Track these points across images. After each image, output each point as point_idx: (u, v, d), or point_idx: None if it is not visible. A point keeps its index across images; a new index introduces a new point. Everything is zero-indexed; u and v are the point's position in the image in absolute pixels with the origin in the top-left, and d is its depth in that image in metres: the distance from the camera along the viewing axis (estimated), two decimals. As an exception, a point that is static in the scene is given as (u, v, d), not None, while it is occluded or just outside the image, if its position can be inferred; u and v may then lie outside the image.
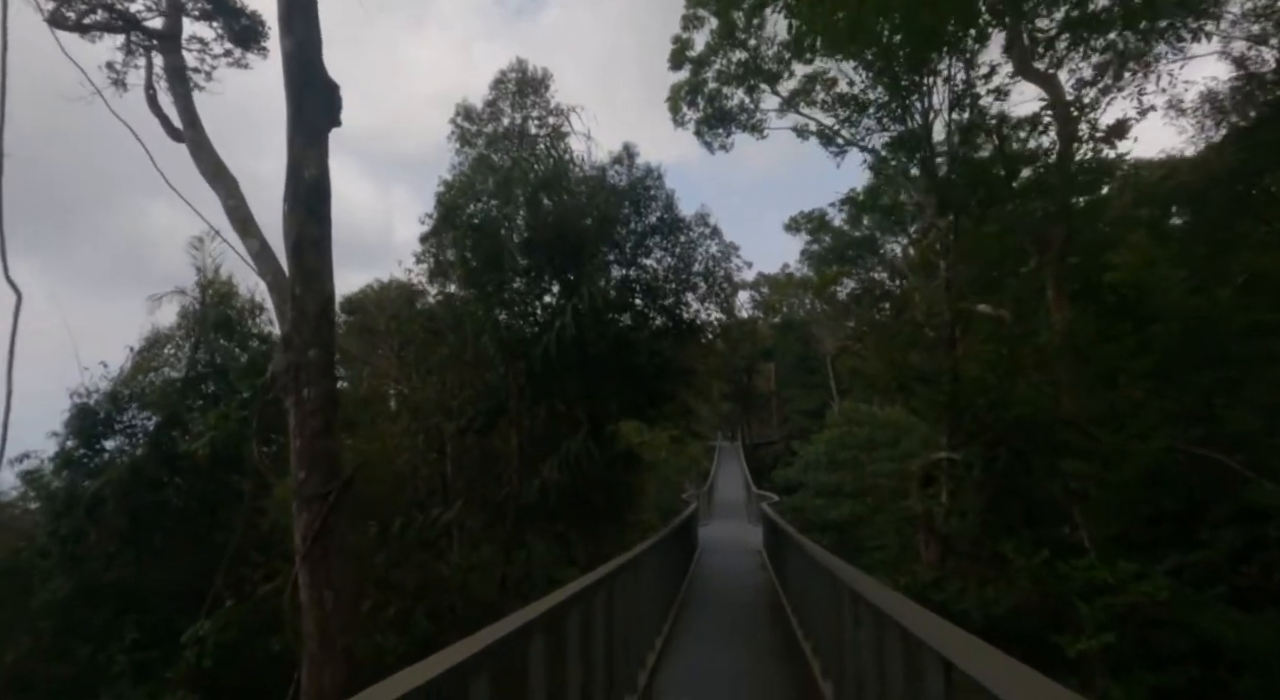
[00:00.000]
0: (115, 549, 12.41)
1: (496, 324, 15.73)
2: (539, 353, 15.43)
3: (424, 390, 16.62)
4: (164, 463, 13.02)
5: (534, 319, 17.45)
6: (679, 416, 22.26)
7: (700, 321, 21.33)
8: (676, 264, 20.83)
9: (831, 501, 34.44)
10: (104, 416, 13.75)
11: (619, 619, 6.42)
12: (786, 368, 57.75)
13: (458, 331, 16.61)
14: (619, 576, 6.67)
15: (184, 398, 13.71)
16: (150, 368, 15.14)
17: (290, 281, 10.70)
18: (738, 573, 18.51)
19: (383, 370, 18.16)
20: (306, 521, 10.11)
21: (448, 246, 16.97)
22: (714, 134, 23.81)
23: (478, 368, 16.37)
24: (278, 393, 11.26)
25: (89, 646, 11.62)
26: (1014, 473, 10.49)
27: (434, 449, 16.60)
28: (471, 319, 16.38)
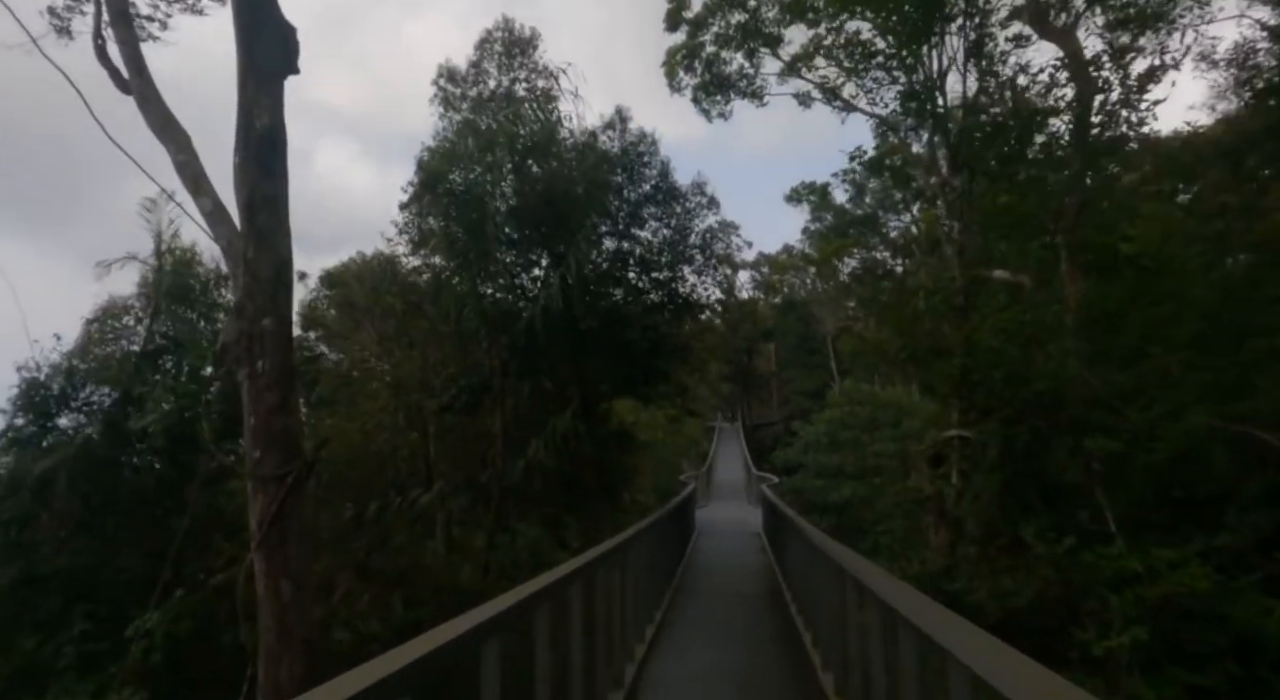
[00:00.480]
0: (66, 534, 11.49)
1: (479, 296, 14.68)
2: (523, 326, 14.40)
3: (405, 366, 15.60)
4: (118, 442, 12.05)
5: (520, 291, 16.42)
6: (675, 395, 21.25)
7: (697, 296, 20.28)
8: (672, 236, 19.75)
9: (832, 483, 33.51)
10: (58, 391, 12.77)
11: (603, 610, 5.99)
12: (787, 348, 56.64)
13: (439, 304, 15.57)
14: (601, 565, 6.09)
15: (139, 372, 12.73)
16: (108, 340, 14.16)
17: (242, 243, 9.64)
18: (736, 557, 17.60)
19: (363, 346, 17.14)
20: (262, 505, 9.10)
21: (429, 215, 15.90)
22: (712, 101, 22.54)
23: (460, 343, 15.34)
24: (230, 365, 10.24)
25: (35, 638, 10.72)
26: (1033, 452, 9.48)
27: (415, 428, 15.61)
28: (453, 291, 15.34)
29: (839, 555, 5.60)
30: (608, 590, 6.26)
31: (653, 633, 8.67)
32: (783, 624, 9.41)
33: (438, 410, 15.32)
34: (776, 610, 10.30)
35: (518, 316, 14.87)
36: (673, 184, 18.91)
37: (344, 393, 16.63)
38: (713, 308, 20.65)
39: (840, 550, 5.82)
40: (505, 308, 15.18)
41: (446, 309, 15.50)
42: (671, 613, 10.11)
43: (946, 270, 12.96)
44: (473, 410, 15.50)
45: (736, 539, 21.50)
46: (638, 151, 18.33)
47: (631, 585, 7.63)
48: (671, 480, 34.07)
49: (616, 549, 7.01)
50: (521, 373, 15.44)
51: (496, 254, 15.14)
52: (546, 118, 16.64)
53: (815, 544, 7.16)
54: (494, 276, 14.88)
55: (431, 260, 16.42)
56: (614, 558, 6.74)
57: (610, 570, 6.48)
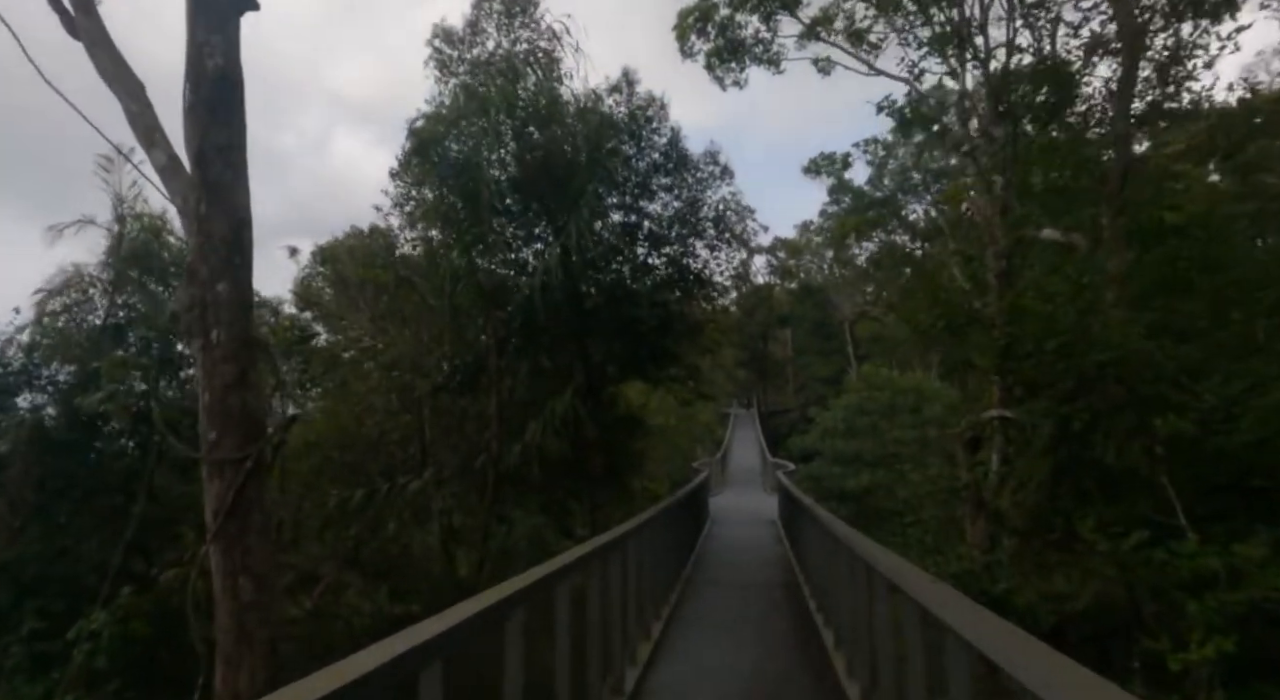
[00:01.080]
0: (20, 522, 10.42)
1: (474, 269, 13.40)
2: (520, 301, 13.13)
3: (398, 345, 14.39)
4: (76, 424, 10.95)
5: (520, 266, 15.15)
6: (686, 378, 19.91)
7: (709, 272, 18.90)
8: (682, 208, 18.37)
9: (850, 470, 32.16)
10: (18, 368, 11.67)
11: (599, 609, 5.50)
12: (803, 334, 55.02)
13: (432, 279, 14.33)
14: (596, 560, 5.56)
15: (99, 347, 11.61)
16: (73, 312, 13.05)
17: (193, 199, 8.39)
18: (751, 547, 16.40)
19: (357, 324, 15.97)
20: (218, 493, 7.90)
21: (423, 185, 14.64)
22: (726, 68, 21.06)
23: (455, 319, 14.10)
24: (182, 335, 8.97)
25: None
26: (1090, 433, 8.13)
27: (409, 410, 14.41)
28: (448, 264, 14.09)
29: (867, 551, 4.99)
30: (605, 587, 5.74)
31: (660, 630, 8.00)
32: (801, 620, 8.68)
33: (431, 391, 14.10)
34: (793, 604, 9.53)
35: (516, 291, 13.60)
36: (683, 151, 17.52)
37: (335, 373, 15.49)
38: (725, 286, 19.26)
39: (868, 545, 5.18)
40: (502, 282, 13.90)
41: (440, 283, 14.26)
42: (681, 608, 9.32)
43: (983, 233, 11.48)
44: (468, 391, 14.27)
45: (751, 528, 20.40)
46: (646, 116, 16.94)
47: (635, 579, 6.98)
48: (686, 467, 32.92)
49: (615, 542, 6.35)
50: (520, 351, 14.18)
51: (494, 224, 13.86)
52: (547, 77, 15.29)
53: (839, 538, 6.41)
54: (491, 249, 13.60)
55: (428, 233, 15.17)
56: (612, 551, 6.13)
57: (609, 564, 5.93)
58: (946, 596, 3.17)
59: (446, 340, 14.23)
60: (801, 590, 10.24)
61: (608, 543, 5.97)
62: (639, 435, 21.51)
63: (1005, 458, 9.89)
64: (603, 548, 5.85)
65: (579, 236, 13.30)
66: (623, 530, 6.91)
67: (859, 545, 5.38)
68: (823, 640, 7.55)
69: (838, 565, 6.62)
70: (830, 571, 7.35)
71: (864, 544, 5.31)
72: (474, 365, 14.15)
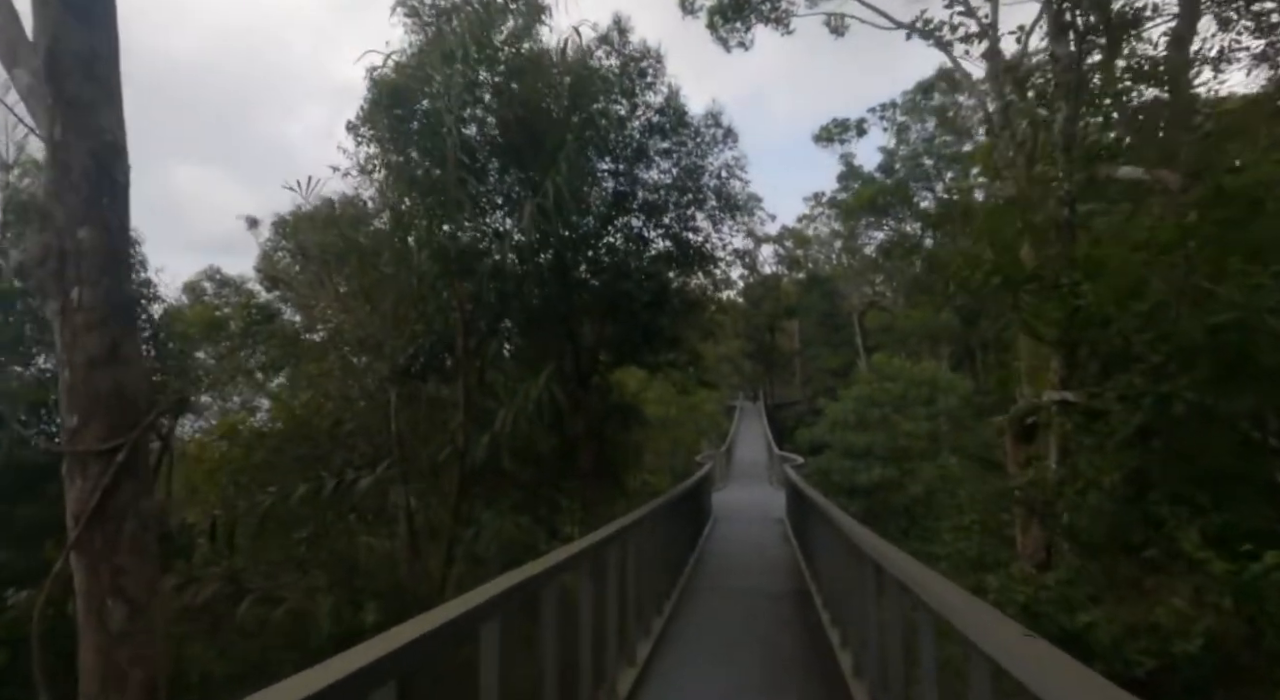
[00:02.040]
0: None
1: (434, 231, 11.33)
2: (488, 269, 11.09)
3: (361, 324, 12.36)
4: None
5: (494, 234, 13.10)
6: (686, 364, 17.82)
7: (711, 247, 16.79)
8: (681, 176, 16.25)
9: (861, 464, 30.02)
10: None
11: (568, 634, 4.58)
12: (811, 325, 52.73)
13: (393, 247, 12.29)
14: (561, 575, 4.45)
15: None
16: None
17: (47, 121, 6.30)
18: (756, 549, 14.41)
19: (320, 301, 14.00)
20: (78, 495, 5.85)
21: (386, 142, 12.61)
22: (730, 28, 18.99)
23: (419, 293, 12.06)
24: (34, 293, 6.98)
25: None
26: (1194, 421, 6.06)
27: (374, 397, 12.39)
28: (411, 230, 12.05)
29: (903, 571, 3.83)
30: (573, 607, 4.86)
31: (648, 651, 6.79)
32: (813, 640, 7.45)
33: (392, 375, 12.06)
34: (804, 619, 8.28)
35: (478, 256, 11.53)
36: (681, 110, 15.39)
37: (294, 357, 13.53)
38: (729, 261, 17.13)
39: (902, 562, 4.00)
40: (470, 249, 11.83)
41: (402, 252, 12.22)
42: (676, 622, 8.09)
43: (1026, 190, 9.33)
44: (433, 375, 12.23)
45: (757, 526, 18.34)
46: (639, 69, 14.82)
47: (617, 593, 5.89)
48: (689, 461, 30.89)
49: (589, 550, 5.22)
50: (493, 328, 12.13)
51: (466, 185, 11.80)
52: (529, 21, 13.19)
53: (864, 550, 5.10)
54: (457, 209, 11.50)
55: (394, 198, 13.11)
56: (586, 561, 5.11)
57: (581, 577, 5.03)
58: (1022, 650, 2.15)
59: (411, 318, 12.19)
60: (813, 601, 8.91)
61: (579, 552, 4.92)
62: (635, 426, 19.43)
63: (1067, 451, 7.79)
64: (572, 558, 4.72)
65: (558, 195, 11.21)
66: (599, 536, 5.68)
67: (892, 563, 4.11)
68: (839, 665, 6.40)
69: (860, 580, 5.41)
70: (849, 585, 6.19)
71: (898, 561, 4.05)
72: (440, 345, 12.12)
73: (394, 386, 12.99)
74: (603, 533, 5.81)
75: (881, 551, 4.45)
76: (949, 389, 31.18)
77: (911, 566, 3.75)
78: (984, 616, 2.53)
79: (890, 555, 4.19)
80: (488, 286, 11.11)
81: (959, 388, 31.40)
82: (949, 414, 30.77)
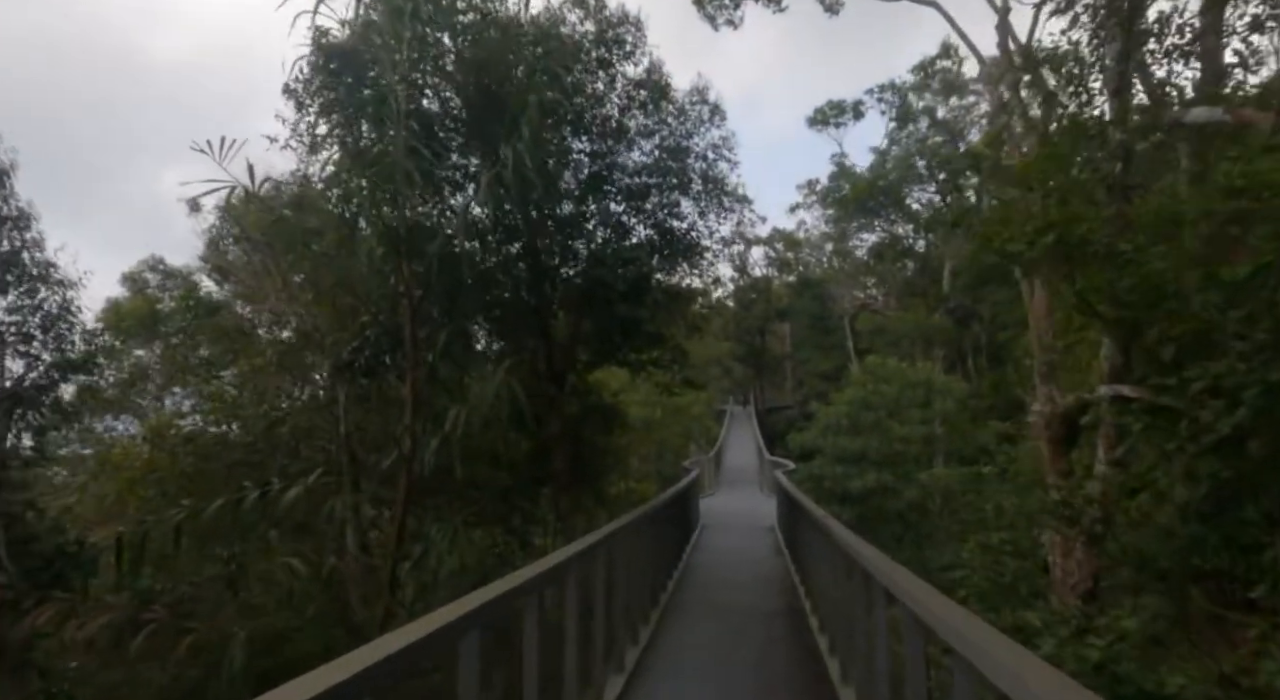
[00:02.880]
0: None
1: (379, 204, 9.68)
2: (437, 247, 9.47)
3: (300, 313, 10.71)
4: None
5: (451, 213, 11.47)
6: (671, 362, 16.18)
7: (697, 235, 15.17)
8: (664, 157, 14.64)
9: (855, 469, 28.40)
10: None
11: (523, 667, 3.86)
12: (801, 328, 51.12)
13: (341, 228, 10.64)
14: (534, 592, 3.88)
15: None
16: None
17: None
18: (746, 561, 13.04)
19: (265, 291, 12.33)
20: None
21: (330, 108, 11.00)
22: (717, 4, 17.48)
23: (365, 279, 10.42)
24: None
25: None
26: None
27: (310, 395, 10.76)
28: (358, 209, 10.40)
29: (919, 602, 2.94)
30: (535, 636, 3.95)
31: (620, 688, 5.83)
32: (810, 669, 6.42)
33: (336, 370, 10.42)
34: (799, 642, 7.37)
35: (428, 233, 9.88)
36: (664, 83, 13.79)
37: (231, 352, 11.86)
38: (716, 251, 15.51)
39: (917, 592, 3.03)
40: (421, 227, 10.18)
41: (349, 235, 10.57)
42: (656, 647, 7.08)
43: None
44: (383, 371, 10.58)
45: (747, 536, 16.83)
46: (617, 36, 13.22)
47: (579, 620, 4.98)
48: (678, 466, 29.25)
49: (552, 573, 4.38)
50: (449, 317, 10.47)
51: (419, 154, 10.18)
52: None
53: (870, 573, 4.17)
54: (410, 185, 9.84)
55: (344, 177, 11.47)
56: (549, 584, 4.35)
57: (529, 611, 4.00)
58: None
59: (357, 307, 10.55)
60: (808, 621, 8.04)
61: (541, 574, 4.12)
62: (616, 430, 17.79)
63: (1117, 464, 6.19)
64: (534, 580, 3.96)
65: (519, 165, 9.58)
66: (565, 556, 4.87)
67: (906, 593, 3.26)
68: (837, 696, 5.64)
69: (863, 605, 4.64)
70: (850, 609, 5.34)
71: (914, 591, 3.19)
72: (387, 338, 10.47)
73: (343, 384, 11.35)
74: (564, 553, 4.88)
75: (892, 576, 3.60)
76: (945, 391, 29.62)
77: (931, 599, 2.95)
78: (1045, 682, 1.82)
79: (904, 583, 3.36)
80: (436, 267, 9.46)
81: (955, 390, 29.86)
82: (945, 417, 29.24)
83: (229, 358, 11.72)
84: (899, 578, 3.50)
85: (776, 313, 50.76)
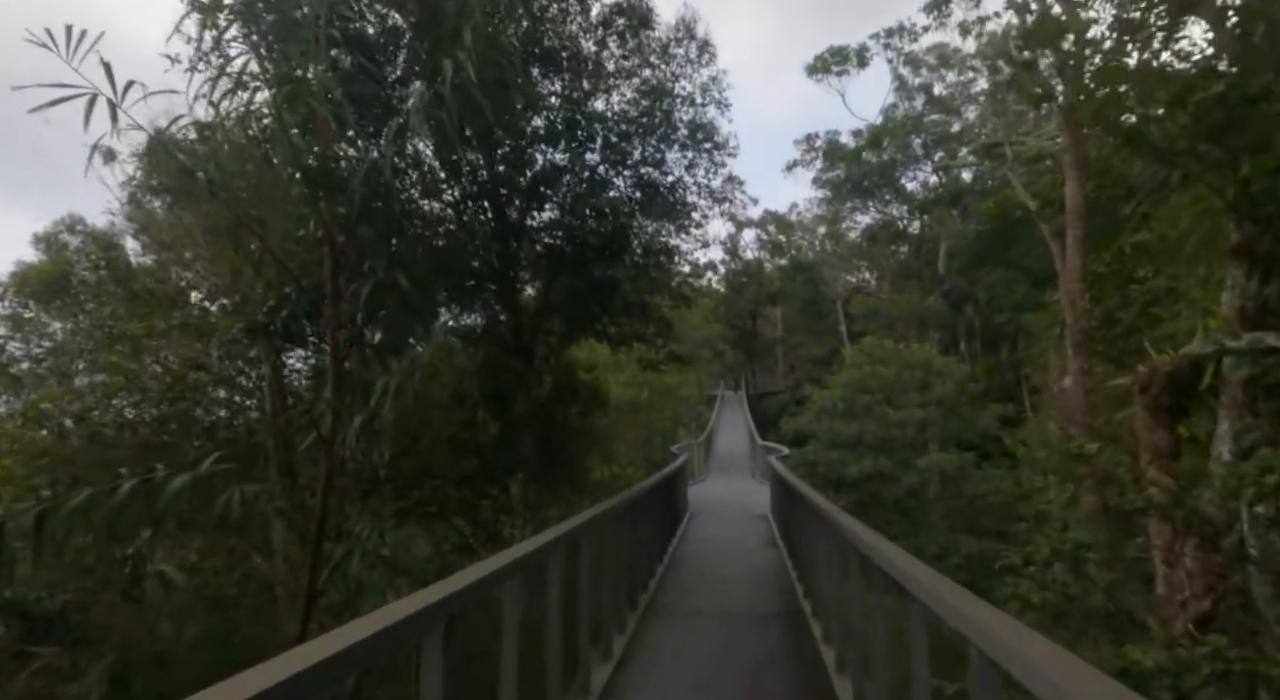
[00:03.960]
0: None
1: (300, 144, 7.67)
2: (359, 182, 7.47)
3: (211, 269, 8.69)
4: None
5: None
6: (655, 335, 14.24)
7: (684, 191, 13.19)
8: (646, 102, 12.62)
9: (851, 454, 26.56)
10: None
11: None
12: (794, 312, 49.16)
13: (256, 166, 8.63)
14: (475, 603, 3.26)
15: None
16: None
17: None
18: (737, 553, 11.46)
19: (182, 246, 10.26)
20: None
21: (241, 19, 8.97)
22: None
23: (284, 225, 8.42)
24: None
25: None
26: None
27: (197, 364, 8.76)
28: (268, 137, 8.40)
29: (994, 640, 2.01)
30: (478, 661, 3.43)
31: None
32: (816, 689, 5.10)
33: (250, 333, 8.43)
34: (801, 654, 6.04)
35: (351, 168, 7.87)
36: (645, 10, 11.74)
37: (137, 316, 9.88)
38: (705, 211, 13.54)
39: (989, 620, 2.14)
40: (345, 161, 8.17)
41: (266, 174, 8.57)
42: (630, 665, 5.69)
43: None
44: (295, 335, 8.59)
45: (739, 525, 15.00)
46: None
47: (571, 612, 4.35)
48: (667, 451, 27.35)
49: (473, 588, 2.95)
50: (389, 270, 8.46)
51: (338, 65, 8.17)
52: None
53: (902, 584, 2.94)
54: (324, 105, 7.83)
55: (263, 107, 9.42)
56: (474, 599, 3.14)
57: (492, 616, 3.48)
58: None
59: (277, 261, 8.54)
60: (809, 627, 6.81)
61: (467, 587, 2.85)
62: (596, 411, 15.86)
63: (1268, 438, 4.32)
64: (448, 600, 2.66)
65: (461, 81, 7.57)
66: (499, 563, 3.41)
67: (961, 612, 2.23)
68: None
69: (881, 614, 3.63)
70: (865, 619, 4.18)
71: (967, 609, 2.24)
72: (306, 297, 8.48)
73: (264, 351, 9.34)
74: (491, 564, 3.49)
75: (935, 591, 2.55)
76: (945, 373, 27.76)
77: (1002, 629, 1.96)
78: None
79: (953, 601, 2.32)
80: (359, 205, 7.46)
81: (955, 372, 27.99)
82: (943, 401, 27.39)
83: (136, 324, 9.76)
84: (947, 594, 2.41)
85: (768, 297, 48.78)
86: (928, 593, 2.61)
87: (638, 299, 13.64)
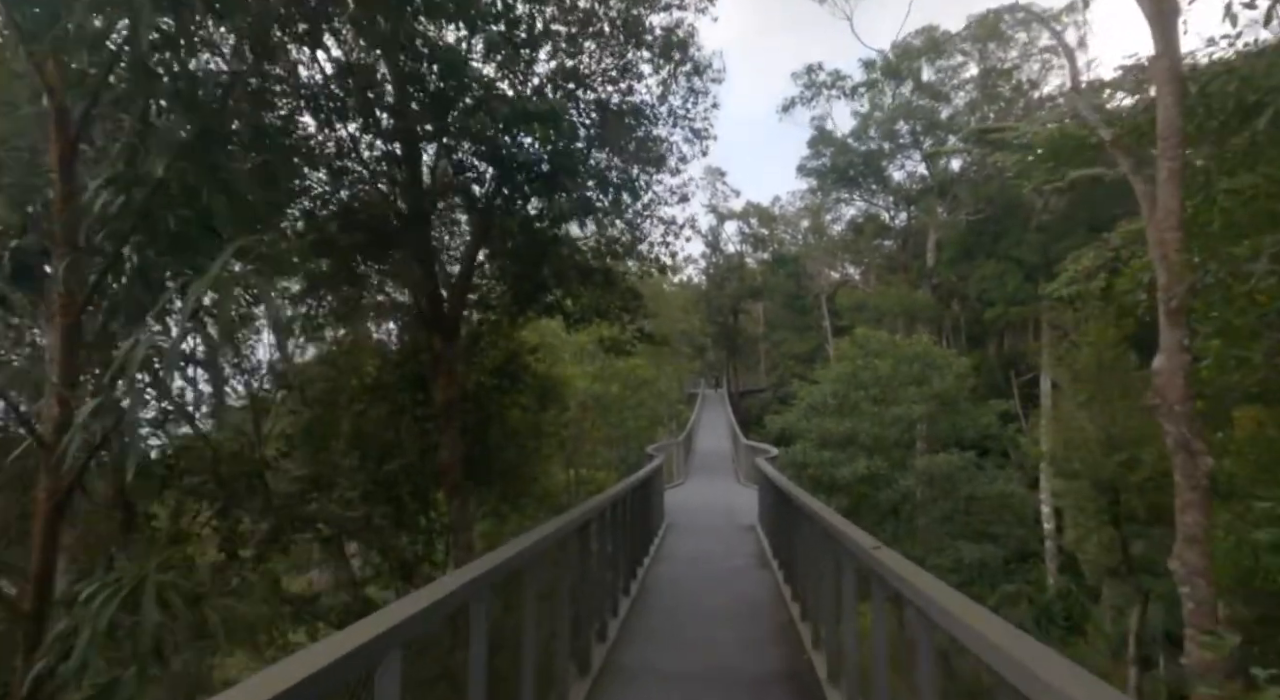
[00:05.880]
0: None
1: None
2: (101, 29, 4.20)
3: None
4: None
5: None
6: (620, 309, 10.96)
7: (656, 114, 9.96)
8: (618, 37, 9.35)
9: (843, 455, 23.46)
10: None
11: None
12: (776, 307, 46.05)
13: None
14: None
15: None
16: None
17: None
18: (722, 578, 8.97)
19: None
20: None
21: None
22: None
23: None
24: None
25: None
26: None
27: None
28: None
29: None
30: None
31: None
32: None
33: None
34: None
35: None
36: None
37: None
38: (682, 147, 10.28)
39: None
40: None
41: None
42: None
43: None
44: (25, 277, 5.28)
45: (723, 539, 11.96)
46: None
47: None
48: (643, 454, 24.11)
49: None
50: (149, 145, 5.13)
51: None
52: None
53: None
54: None
55: None
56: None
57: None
58: None
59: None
60: (809, 661, 5.04)
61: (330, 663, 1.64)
62: (551, 405, 12.53)
63: None
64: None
65: None
66: (392, 622, 2.08)
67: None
68: None
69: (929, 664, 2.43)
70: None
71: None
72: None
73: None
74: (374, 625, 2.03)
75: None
76: (945, 366, 24.72)
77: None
78: None
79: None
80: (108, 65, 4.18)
81: (955, 364, 24.94)
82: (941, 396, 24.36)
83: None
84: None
85: (750, 292, 45.64)
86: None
87: (599, 263, 10.37)
